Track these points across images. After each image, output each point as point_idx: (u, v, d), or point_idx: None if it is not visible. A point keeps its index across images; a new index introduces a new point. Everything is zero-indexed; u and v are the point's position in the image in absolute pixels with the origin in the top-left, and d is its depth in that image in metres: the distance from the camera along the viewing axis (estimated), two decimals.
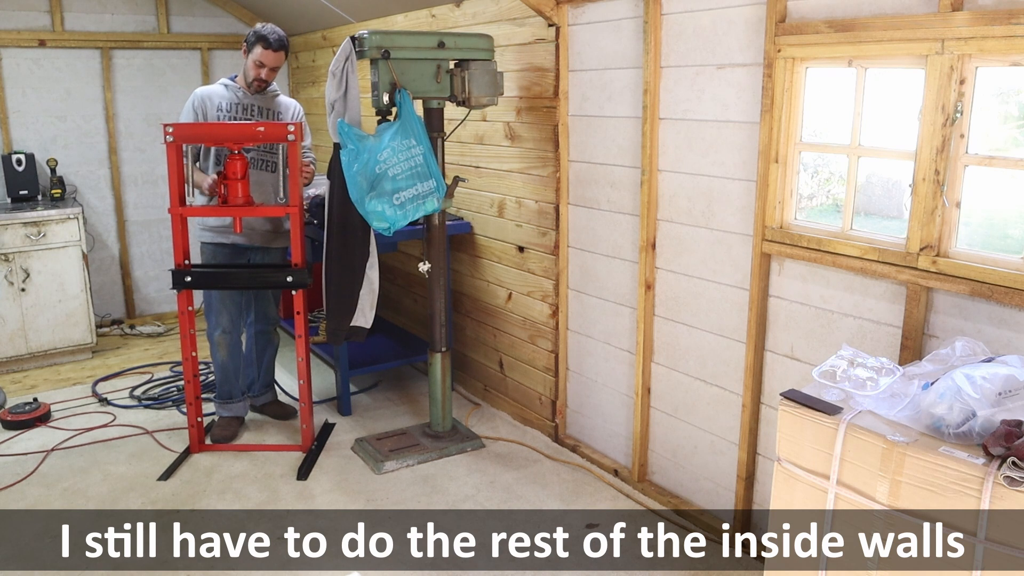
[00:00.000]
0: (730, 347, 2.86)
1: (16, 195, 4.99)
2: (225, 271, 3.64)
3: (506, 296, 4.01)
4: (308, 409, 3.62)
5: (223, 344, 3.77)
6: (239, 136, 3.37)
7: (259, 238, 3.71)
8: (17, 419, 3.93)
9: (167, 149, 3.31)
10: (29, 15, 5.11)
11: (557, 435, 3.79)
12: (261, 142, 3.48)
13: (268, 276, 3.60)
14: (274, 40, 3.53)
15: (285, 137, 3.32)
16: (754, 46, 2.60)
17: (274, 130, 3.37)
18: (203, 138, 3.43)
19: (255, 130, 3.36)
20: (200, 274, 3.51)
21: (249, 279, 3.63)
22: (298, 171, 3.38)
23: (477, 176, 4.08)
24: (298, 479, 3.43)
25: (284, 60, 3.63)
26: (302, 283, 3.46)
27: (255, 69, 3.57)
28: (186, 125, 3.43)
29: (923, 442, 1.69)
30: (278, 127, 3.38)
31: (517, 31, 3.64)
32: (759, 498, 2.82)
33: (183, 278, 3.45)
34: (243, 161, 3.40)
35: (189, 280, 3.45)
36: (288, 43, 3.63)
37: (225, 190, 3.41)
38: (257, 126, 3.39)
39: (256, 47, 3.53)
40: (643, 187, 3.07)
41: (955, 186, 2.11)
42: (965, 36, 2.00)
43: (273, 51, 3.54)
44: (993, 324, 2.07)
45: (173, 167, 3.32)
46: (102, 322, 5.52)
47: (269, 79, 3.64)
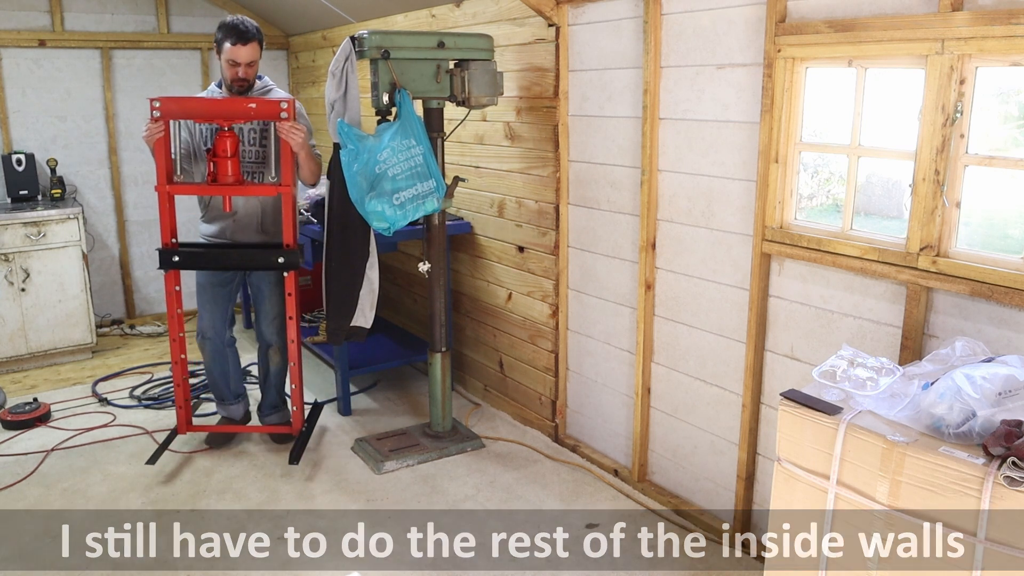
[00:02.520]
0: (730, 347, 2.86)
1: (16, 195, 4.99)
2: (215, 251, 3.51)
3: (506, 296, 4.01)
4: (299, 391, 3.56)
5: (204, 349, 3.69)
6: (230, 112, 3.24)
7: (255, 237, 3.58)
8: (17, 419, 3.94)
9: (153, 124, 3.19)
10: (29, 15, 5.11)
11: (557, 435, 3.79)
12: (252, 119, 3.31)
13: (259, 256, 3.47)
14: (242, 32, 3.26)
15: (278, 115, 3.20)
16: (754, 46, 2.60)
17: (266, 107, 3.23)
18: (192, 113, 3.28)
19: (246, 106, 3.22)
20: (188, 254, 3.41)
21: (239, 259, 3.49)
22: (291, 151, 3.26)
23: (477, 176, 4.08)
24: (290, 463, 3.43)
25: (260, 50, 3.36)
26: (293, 263, 3.37)
27: (230, 69, 3.34)
28: (174, 99, 3.28)
29: (923, 442, 1.69)
30: (270, 103, 3.23)
31: (517, 31, 3.64)
32: (759, 498, 2.82)
33: (170, 257, 3.34)
34: (233, 138, 3.28)
35: (177, 260, 3.35)
36: (261, 33, 3.36)
37: (215, 168, 3.28)
38: (248, 102, 3.24)
39: (224, 44, 3.29)
40: (643, 187, 3.07)
41: (955, 186, 2.11)
42: (965, 36, 2.00)
43: (243, 44, 3.27)
44: (993, 324, 2.07)
45: (160, 143, 3.21)
46: (102, 322, 5.52)
47: (249, 76, 3.37)
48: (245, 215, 3.53)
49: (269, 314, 3.68)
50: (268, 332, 3.70)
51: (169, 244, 3.34)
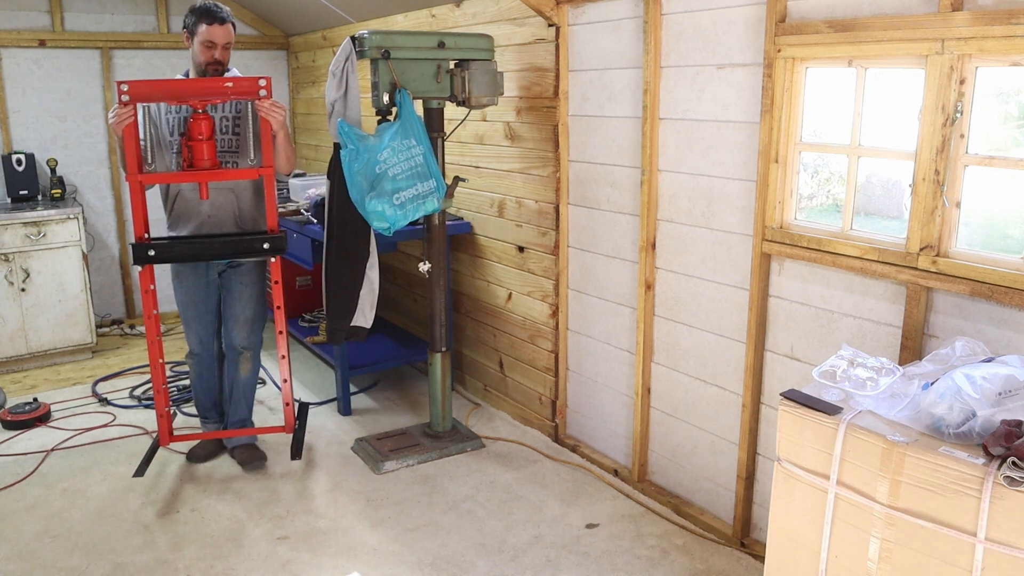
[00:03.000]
0: (730, 347, 2.86)
1: (16, 195, 4.99)
2: (194, 242, 3.23)
3: (506, 296, 4.01)
4: (289, 386, 3.42)
5: (192, 366, 3.55)
6: (204, 91, 3.05)
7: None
8: (17, 419, 3.94)
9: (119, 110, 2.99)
10: (29, 15, 5.11)
11: (557, 435, 3.79)
12: (229, 97, 3.12)
13: (243, 244, 3.23)
14: (216, 13, 3.18)
15: (256, 92, 3.06)
16: (754, 46, 2.60)
17: (243, 85, 3.08)
18: (163, 95, 3.07)
19: (222, 85, 3.06)
20: (164, 246, 3.15)
21: (221, 248, 3.22)
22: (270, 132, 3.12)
23: (477, 176, 4.08)
24: (292, 459, 3.38)
25: (234, 34, 3.26)
26: (280, 248, 3.20)
27: (206, 52, 3.18)
28: (143, 82, 3.01)
29: (923, 442, 1.69)
30: (248, 80, 3.08)
31: (517, 31, 3.64)
32: (759, 498, 2.82)
33: (145, 252, 3.10)
34: (209, 120, 3.09)
35: (153, 254, 3.10)
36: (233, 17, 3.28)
37: (190, 153, 3.07)
38: (224, 81, 3.08)
39: (199, 27, 3.16)
40: (643, 187, 3.07)
41: (955, 186, 2.11)
42: (965, 36, 2.00)
43: (220, 25, 3.17)
44: (993, 324, 2.07)
45: (130, 129, 3.00)
46: (102, 322, 5.53)
47: (224, 59, 3.23)
48: (219, 210, 3.32)
49: (239, 316, 3.44)
50: (239, 336, 3.46)
51: (142, 238, 3.12)
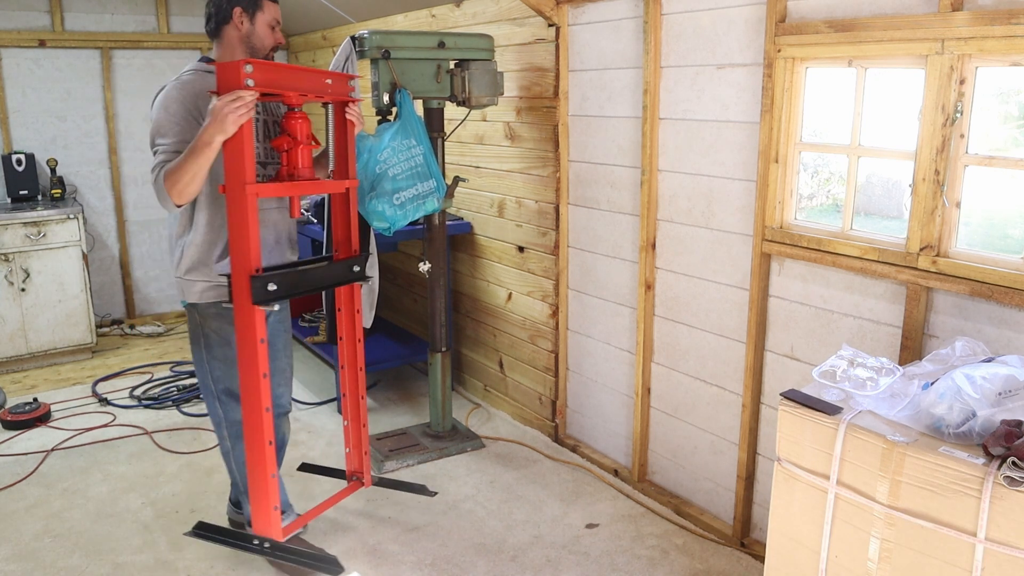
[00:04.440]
0: (730, 347, 2.86)
1: (16, 195, 4.99)
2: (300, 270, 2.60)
3: (506, 296, 4.01)
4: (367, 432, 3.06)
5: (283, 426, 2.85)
6: (309, 86, 2.54)
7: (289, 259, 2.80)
8: (17, 419, 3.94)
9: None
10: (29, 15, 5.11)
11: (557, 435, 3.79)
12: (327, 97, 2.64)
13: (340, 271, 2.76)
14: None
15: (348, 93, 2.67)
16: (754, 46, 2.60)
17: (340, 82, 2.66)
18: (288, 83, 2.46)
19: (323, 81, 2.59)
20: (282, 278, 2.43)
21: (329, 276, 2.75)
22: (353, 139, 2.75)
23: (477, 176, 4.08)
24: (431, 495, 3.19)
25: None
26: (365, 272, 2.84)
27: (272, 35, 2.61)
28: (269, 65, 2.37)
29: (923, 442, 1.69)
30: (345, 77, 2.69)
31: (517, 31, 3.64)
32: (759, 498, 2.82)
33: (265, 286, 2.35)
34: (307, 121, 2.54)
35: (274, 289, 2.38)
36: None
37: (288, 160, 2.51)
38: (325, 77, 2.60)
39: (263, 3, 2.57)
40: (643, 187, 3.07)
41: (955, 186, 2.11)
42: (965, 36, 2.00)
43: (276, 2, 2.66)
44: (993, 324, 2.07)
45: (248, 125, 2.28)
46: (102, 322, 5.53)
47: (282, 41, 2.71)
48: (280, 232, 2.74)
49: (286, 370, 2.85)
50: (287, 395, 2.87)
51: (258, 270, 2.36)
